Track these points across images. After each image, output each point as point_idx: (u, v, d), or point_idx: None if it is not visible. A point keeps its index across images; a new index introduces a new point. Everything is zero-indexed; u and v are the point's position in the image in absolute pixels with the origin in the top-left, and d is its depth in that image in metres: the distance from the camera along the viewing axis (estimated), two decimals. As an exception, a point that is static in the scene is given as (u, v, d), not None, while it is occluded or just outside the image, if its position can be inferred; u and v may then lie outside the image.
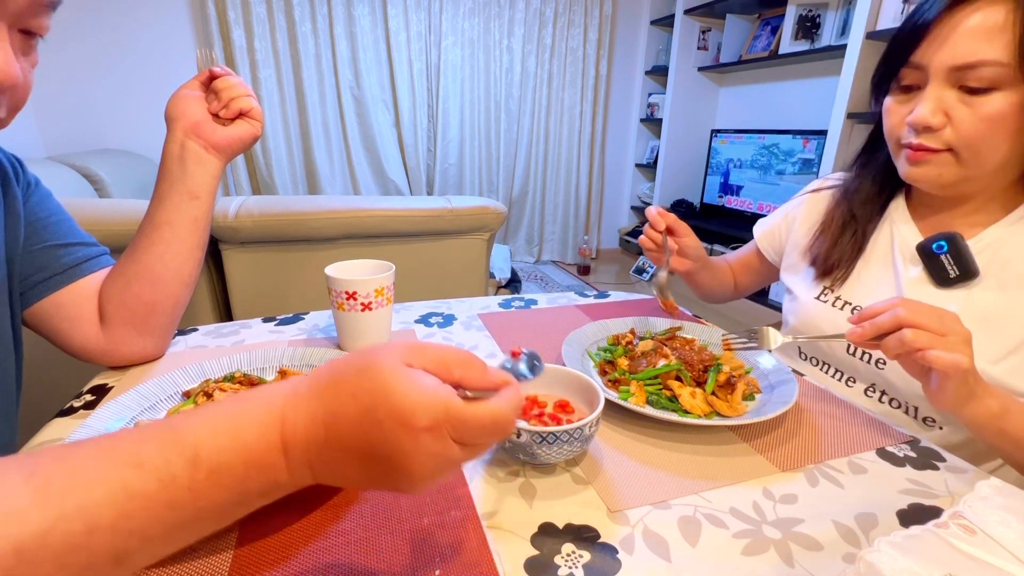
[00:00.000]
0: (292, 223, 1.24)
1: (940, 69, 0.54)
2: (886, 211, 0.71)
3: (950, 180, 0.58)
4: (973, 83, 0.53)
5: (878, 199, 0.71)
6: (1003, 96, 0.52)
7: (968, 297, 0.60)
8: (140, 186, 2.21)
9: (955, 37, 0.53)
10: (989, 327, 0.56)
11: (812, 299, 0.73)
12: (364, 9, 3.01)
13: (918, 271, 0.63)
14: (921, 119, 0.55)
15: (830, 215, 0.74)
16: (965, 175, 0.57)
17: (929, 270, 0.62)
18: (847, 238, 0.71)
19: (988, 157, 0.55)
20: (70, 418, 0.52)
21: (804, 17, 2.60)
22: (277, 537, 0.38)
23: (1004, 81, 0.51)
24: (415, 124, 3.31)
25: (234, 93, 0.60)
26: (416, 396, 0.27)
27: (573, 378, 0.51)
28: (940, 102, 0.55)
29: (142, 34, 2.63)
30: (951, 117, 0.55)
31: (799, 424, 0.55)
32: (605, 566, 0.36)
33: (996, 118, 0.52)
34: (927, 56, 0.55)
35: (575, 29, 3.46)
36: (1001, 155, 0.55)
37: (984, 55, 0.51)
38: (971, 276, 0.59)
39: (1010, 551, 0.30)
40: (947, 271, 0.60)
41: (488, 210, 1.40)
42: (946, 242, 0.60)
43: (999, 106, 0.52)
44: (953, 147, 0.56)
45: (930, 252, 0.61)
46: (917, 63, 0.57)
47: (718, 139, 3.16)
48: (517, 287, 2.41)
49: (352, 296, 0.64)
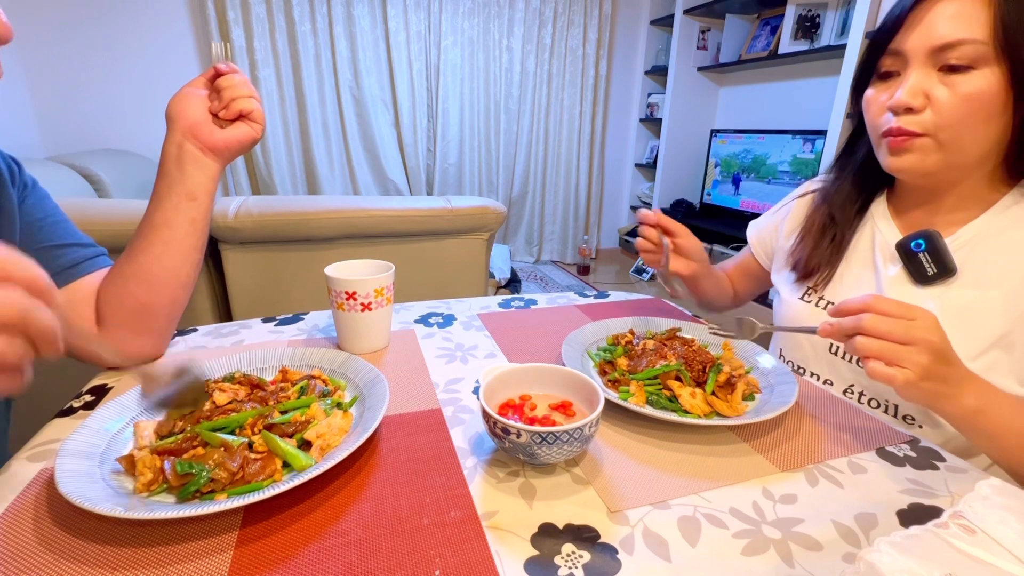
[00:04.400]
0: (292, 223, 1.24)
1: (920, 51, 0.55)
2: (867, 211, 0.71)
3: (931, 167, 0.58)
4: (954, 60, 0.53)
5: (858, 200, 0.71)
6: (982, 75, 0.52)
7: (945, 294, 0.60)
8: (140, 186, 2.21)
9: (933, 20, 0.54)
10: (965, 324, 0.57)
11: (797, 299, 0.74)
12: (364, 9, 3.01)
13: (897, 269, 0.64)
14: (902, 100, 0.55)
15: (811, 219, 0.74)
16: (946, 161, 0.57)
17: (908, 268, 0.63)
18: (827, 242, 0.71)
19: (967, 141, 0.55)
20: (70, 418, 0.52)
21: (803, 17, 2.60)
22: (277, 537, 0.38)
23: (983, 60, 0.52)
24: (415, 124, 3.31)
25: (235, 93, 0.59)
26: None
27: (573, 378, 0.51)
28: (920, 83, 0.55)
29: (142, 34, 2.63)
30: (931, 99, 0.55)
31: (799, 424, 0.55)
32: (605, 566, 0.36)
33: (975, 96, 0.53)
34: (906, 41, 0.56)
35: (575, 29, 3.46)
36: (981, 138, 0.55)
37: (963, 34, 0.52)
38: (949, 273, 0.60)
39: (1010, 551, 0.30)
40: (925, 269, 0.61)
41: (488, 210, 1.40)
42: (924, 240, 0.60)
43: (978, 84, 0.52)
44: (933, 132, 0.56)
45: (909, 250, 0.62)
46: (896, 49, 0.57)
47: (718, 139, 3.16)
48: (517, 287, 2.41)
49: (352, 296, 0.64)
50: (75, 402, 0.55)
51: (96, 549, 0.36)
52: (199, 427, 0.44)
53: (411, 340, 0.73)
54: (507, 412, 0.49)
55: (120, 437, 0.46)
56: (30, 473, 0.44)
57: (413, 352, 0.69)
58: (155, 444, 0.43)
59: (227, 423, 0.45)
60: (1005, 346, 0.56)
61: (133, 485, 0.41)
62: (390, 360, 0.67)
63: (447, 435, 0.51)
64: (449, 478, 0.45)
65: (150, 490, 0.40)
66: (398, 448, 0.49)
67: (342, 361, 0.59)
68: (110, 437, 0.46)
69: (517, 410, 0.50)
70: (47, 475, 0.44)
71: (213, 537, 0.38)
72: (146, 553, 0.36)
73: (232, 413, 0.46)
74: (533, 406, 0.51)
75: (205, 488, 0.40)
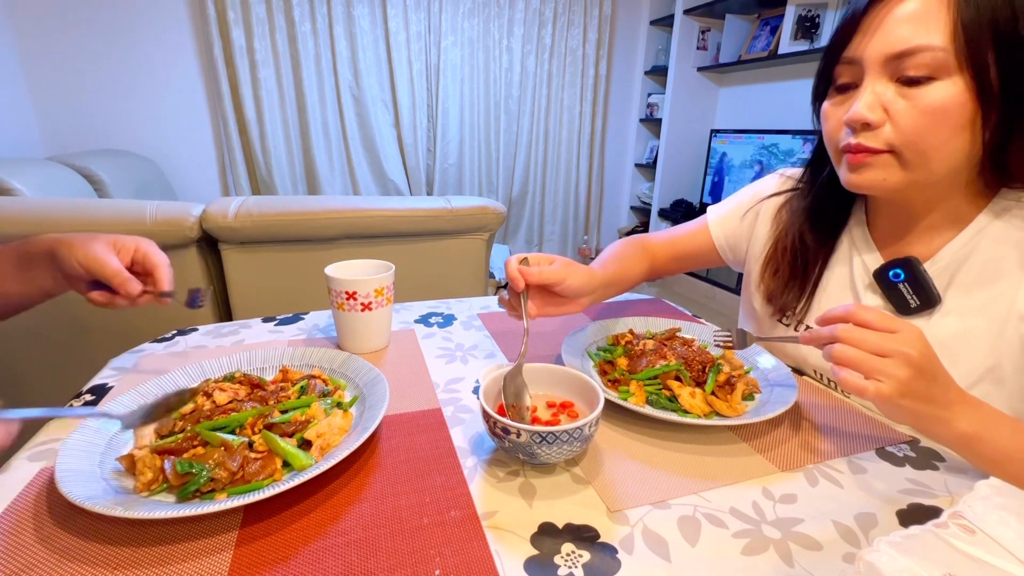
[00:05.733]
0: (292, 223, 1.24)
1: (875, 60, 0.50)
2: (844, 232, 0.66)
3: (895, 184, 0.53)
4: (911, 71, 0.48)
5: (829, 224, 0.66)
6: (943, 86, 0.47)
7: (927, 326, 0.56)
8: (140, 186, 2.21)
9: (889, 25, 0.49)
10: (952, 358, 0.52)
11: (776, 322, 0.70)
12: (363, 9, 3.01)
13: (878, 300, 0.61)
14: (858, 115, 0.50)
15: (780, 244, 0.69)
16: (911, 179, 0.52)
17: (889, 299, 0.59)
18: (799, 274, 0.66)
19: (933, 156, 0.50)
20: (70, 418, 0.52)
21: (803, 17, 2.60)
22: (277, 537, 0.38)
23: (942, 69, 0.47)
24: (415, 124, 3.31)
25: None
26: None
27: (573, 378, 0.51)
28: (877, 96, 0.50)
29: (141, 34, 2.62)
30: (890, 113, 0.50)
31: (799, 424, 0.55)
32: (605, 566, 0.36)
33: (937, 110, 0.48)
34: (860, 48, 0.51)
35: (574, 29, 3.46)
36: (946, 154, 0.50)
37: (919, 40, 0.47)
38: (932, 304, 0.56)
39: (1009, 551, 0.30)
40: (908, 300, 0.57)
41: (488, 210, 1.40)
42: (902, 270, 0.57)
43: (939, 96, 0.47)
44: (895, 147, 0.51)
45: (888, 282, 0.58)
46: (851, 58, 0.52)
47: (717, 139, 3.16)
48: (517, 287, 2.40)
49: (352, 296, 0.64)
50: (75, 402, 0.55)
51: (96, 548, 0.36)
52: (199, 427, 0.44)
53: (411, 340, 0.73)
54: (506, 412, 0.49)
55: (120, 437, 0.46)
56: (30, 473, 0.44)
57: (413, 352, 0.69)
58: (155, 444, 0.43)
59: (227, 423, 0.45)
60: (994, 380, 0.53)
61: (133, 484, 0.41)
62: (390, 360, 0.67)
63: (447, 435, 0.51)
64: (449, 478, 0.45)
65: (150, 489, 0.40)
66: (398, 448, 0.49)
67: (342, 361, 0.59)
68: (110, 437, 0.46)
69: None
70: (47, 475, 0.44)
71: (213, 537, 0.38)
72: (146, 553, 0.36)
73: (232, 413, 0.46)
74: (534, 407, 0.51)
75: (205, 487, 0.40)
